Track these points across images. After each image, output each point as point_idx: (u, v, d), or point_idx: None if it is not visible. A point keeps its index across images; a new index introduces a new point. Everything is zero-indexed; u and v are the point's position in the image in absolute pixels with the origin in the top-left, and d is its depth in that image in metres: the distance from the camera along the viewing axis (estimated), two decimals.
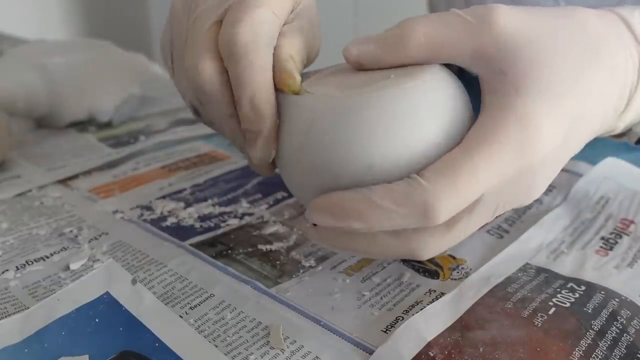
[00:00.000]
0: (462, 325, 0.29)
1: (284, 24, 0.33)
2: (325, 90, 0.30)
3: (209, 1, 0.32)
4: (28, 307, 0.30)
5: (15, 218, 0.42)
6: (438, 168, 0.26)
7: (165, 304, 0.31)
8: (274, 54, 0.31)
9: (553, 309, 0.30)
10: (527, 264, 0.35)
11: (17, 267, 0.36)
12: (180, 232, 0.40)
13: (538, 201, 0.42)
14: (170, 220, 0.41)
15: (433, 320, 0.29)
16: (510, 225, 0.40)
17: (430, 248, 0.28)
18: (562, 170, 0.45)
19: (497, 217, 0.30)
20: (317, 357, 0.28)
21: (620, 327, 0.29)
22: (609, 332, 0.29)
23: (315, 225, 0.30)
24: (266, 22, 0.31)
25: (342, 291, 0.33)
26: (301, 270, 0.35)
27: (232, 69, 0.30)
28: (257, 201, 0.44)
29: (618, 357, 0.27)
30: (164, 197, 0.45)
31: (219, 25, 0.31)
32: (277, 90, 0.31)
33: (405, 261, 0.36)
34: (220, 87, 0.31)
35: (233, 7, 0.31)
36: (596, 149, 0.48)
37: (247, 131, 0.31)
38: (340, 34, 1.77)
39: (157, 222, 0.41)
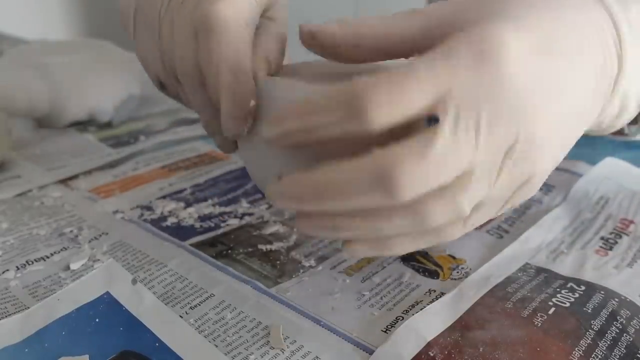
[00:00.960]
0: (462, 325, 0.29)
1: (266, 17, 0.33)
2: (297, 80, 0.30)
3: None
4: (28, 307, 0.30)
5: (16, 218, 0.42)
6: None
7: (166, 304, 0.31)
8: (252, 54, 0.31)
9: (553, 309, 0.30)
10: (527, 263, 0.35)
11: (17, 267, 0.36)
12: (180, 232, 0.40)
13: (538, 201, 0.42)
14: (171, 220, 0.41)
15: (433, 320, 0.29)
16: (510, 225, 0.40)
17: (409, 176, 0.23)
18: (562, 170, 0.46)
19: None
20: (317, 357, 0.28)
21: (620, 327, 0.29)
22: (609, 332, 0.29)
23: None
24: (246, 3, 0.31)
25: (342, 291, 0.33)
26: (301, 270, 0.35)
27: (213, 41, 0.30)
28: (257, 201, 0.44)
29: (618, 357, 0.27)
30: (164, 197, 0.45)
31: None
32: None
33: (405, 261, 0.36)
34: (197, 62, 0.32)
35: None
36: (596, 149, 0.48)
37: (226, 101, 0.30)
38: None
39: (158, 222, 0.41)
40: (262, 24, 0.34)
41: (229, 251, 0.37)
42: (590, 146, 0.49)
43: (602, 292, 0.32)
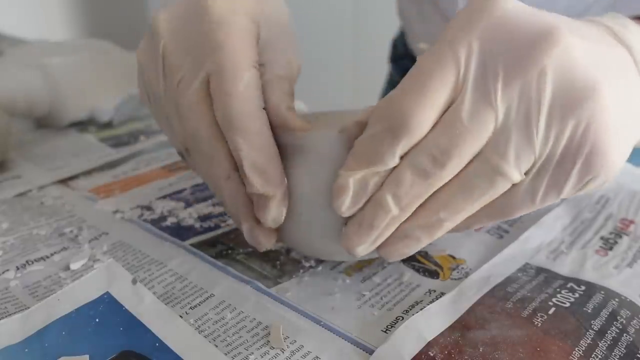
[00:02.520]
0: (462, 325, 0.29)
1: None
2: (333, 125, 0.30)
3: (183, 64, 0.32)
4: (28, 307, 0.30)
5: (16, 218, 0.42)
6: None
7: (166, 304, 0.31)
8: (273, 112, 0.31)
9: (553, 309, 0.30)
10: (527, 263, 0.35)
11: (17, 267, 0.36)
12: (180, 232, 0.40)
13: None
14: (171, 220, 0.41)
15: (433, 320, 0.29)
16: (510, 225, 0.40)
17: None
18: None
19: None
20: (317, 357, 0.28)
21: (620, 327, 0.29)
22: (609, 331, 0.29)
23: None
24: (252, 85, 0.31)
25: (342, 291, 0.33)
26: (301, 270, 0.35)
27: (231, 138, 0.30)
28: None
29: (618, 356, 0.27)
30: (164, 197, 0.45)
31: (205, 88, 0.31)
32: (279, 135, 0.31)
33: (405, 261, 0.36)
34: (218, 150, 0.31)
35: (216, 76, 0.30)
36: None
37: (257, 195, 0.30)
38: (341, 34, 1.78)
39: (158, 222, 0.41)
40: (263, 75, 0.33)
41: (229, 251, 0.37)
42: None
43: (602, 292, 0.32)
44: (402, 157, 0.27)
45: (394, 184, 0.27)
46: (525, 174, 0.27)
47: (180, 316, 0.30)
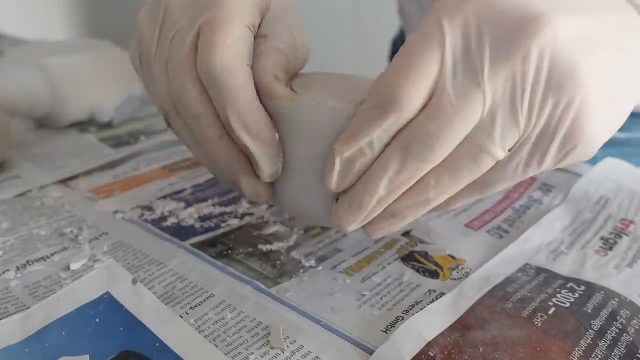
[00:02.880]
0: (462, 325, 0.29)
1: (258, 35, 0.32)
2: (320, 96, 0.30)
3: (181, 19, 0.31)
4: (28, 307, 0.30)
5: (16, 218, 0.42)
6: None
7: (166, 304, 0.31)
8: (258, 79, 0.31)
9: (553, 309, 0.30)
10: (527, 264, 0.35)
11: (17, 267, 0.36)
12: (180, 232, 0.40)
13: (537, 201, 0.43)
14: (171, 220, 0.41)
15: (433, 320, 0.29)
16: (509, 225, 0.40)
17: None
18: (562, 170, 0.46)
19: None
20: (317, 357, 0.28)
21: (620, 327, 0.29)
22: (609, 331, 0.29)
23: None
24: (240, 39, 0.30)
25: (342, 291, 0.33)
26: (301, 270, 0.35)
27: (214, 94, 0.30)
28: None
29: (618, 356, 0.27)
30: (164, 197, 0.45)
31: (196, 43, 0.31)
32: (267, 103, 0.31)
33: (405, 261, 0.36)
34: (206, 109, 0.31)
35: (205, 28, 0.30)
36: None
37: (249, 151, 0.31)
38: (341, 34, 1.77)
39: (158, 222, 0.41)
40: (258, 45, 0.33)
41: (229, 251, 0.37)
42: None
43: (602, 292, 0.32)
44: (390, 141, 0.27)
45: (382, 167, 0.27)
46: (509, 150, 0.27)
47: (180, 316, 0.30)
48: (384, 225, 0.30)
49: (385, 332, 0.30)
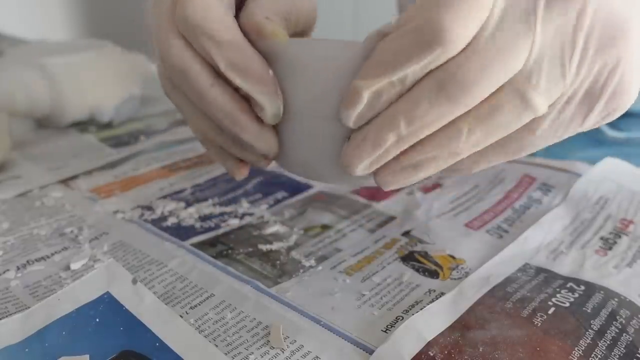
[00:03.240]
0: (462, 325, 0.29)
1: None
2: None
3: None
4: (29, 307, 0.30)
5: (16, 218, 0.42)
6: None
7: (166, 304, 0.31)
8: (245, 21, 0.29)
9: (552, 309, 0.30)
10: (527, 264, 0.35)
11: (18, 267, 0.36)
12: (180, 232, 0.40)
13: (537, 201, 0.43)
14: (171, 220, 0.41)
15: (433, 320, 0.29)
16: (509, 225, 0.40)
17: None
18: (561, 170, 0.46)
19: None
20: (317, 357, 0.28)
21: (620, 327, 0.29)
22: (609, 331, 0.29)
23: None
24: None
25: (342, 291, 0.33)
26: (301, 270, 0.35)
27: (196, 43, 0.29)
28: (257, 201, 0.44)
29: (617, 356, 0.27)
30: (164, 197, 0.45)
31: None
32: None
33: (405, 261, 0.36)
34: (192, 62, 0.30)
35: None
36: (564, 146, 0.48)
37: (246, 92, 0.29)
38: (341, 34, 1.77)
39: (158, 222, 0.41)
40: None
41: (229, 251, 0.37)
42: (560, 144, 0.49)
43: (602, 292, 0.32)
44: (422, 78, 0.25)
45: (410, 103, 0.26)
46: (549, 106, 0.27)
47: (181, 316, 0.30)
48: (401, 176, 0.28)
49: (385, 332, 0.30)
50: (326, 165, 0.30)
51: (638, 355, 0.27)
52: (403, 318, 0.31)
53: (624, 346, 0.28)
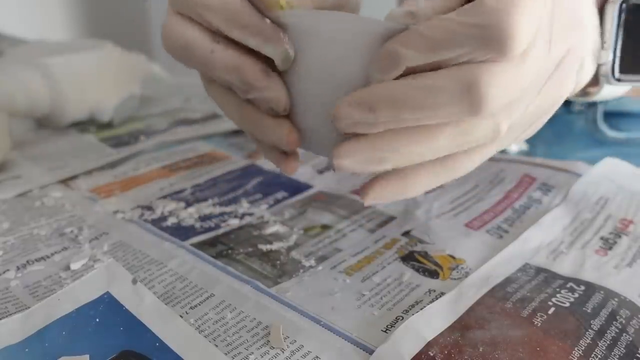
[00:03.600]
0: (462, 325, 0.29)
1: None
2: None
3: None
4: (29, 307, 0.30)
5: (16, 218, 0.42)
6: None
7: (166, 304, 0.31)
8: None
9: (552, 309, 0.30)
10: (527, 264, 0.35)
11: (17, 267, 0.36)
12: (180, 232, 0.40)
13: (537, 201, 0.43)
14: (171, 220, 0.41)
15: (433, 320, 0.29)
16: (509, 225, 0.40)
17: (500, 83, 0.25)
18: (561, 170, 0.46)
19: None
20: (317, 357, 0.28)
21: (620, 327, 0.29)
22: (609, 331, 0.29)
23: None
24: None
25: (342, 291, 0.33)
26: (301, 270, 0.35)
27: (194, 10, 0.29)
28: (257, 201, 0.44)
29: (617, 356, 0.27)
30: (164, 197, 0.45)
31: None
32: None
33: (405, 261, 0.36)
34: (188, 29, 0.29)
35: None
36: (565, 146, 0.48)
37: (250, 44, 0.28)
38: None
39: (158, 222, 0.41)
40: None
41: (229, 251, 0.37)
42: (560, 145, 0.49)
43: (602, 292, 0.32)
44: (453, 67, 0.25)
45: (426, 90, 0.25)
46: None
47: (181, 316, 0.30)
48: (362, 158, 0.27)
49: (385, 332, 0.30)
50: (332, 134, 0.29)
51: (638, 355, 0.27)
52: (403, 318, 0.31)
53: (624, 346, 0.28)
